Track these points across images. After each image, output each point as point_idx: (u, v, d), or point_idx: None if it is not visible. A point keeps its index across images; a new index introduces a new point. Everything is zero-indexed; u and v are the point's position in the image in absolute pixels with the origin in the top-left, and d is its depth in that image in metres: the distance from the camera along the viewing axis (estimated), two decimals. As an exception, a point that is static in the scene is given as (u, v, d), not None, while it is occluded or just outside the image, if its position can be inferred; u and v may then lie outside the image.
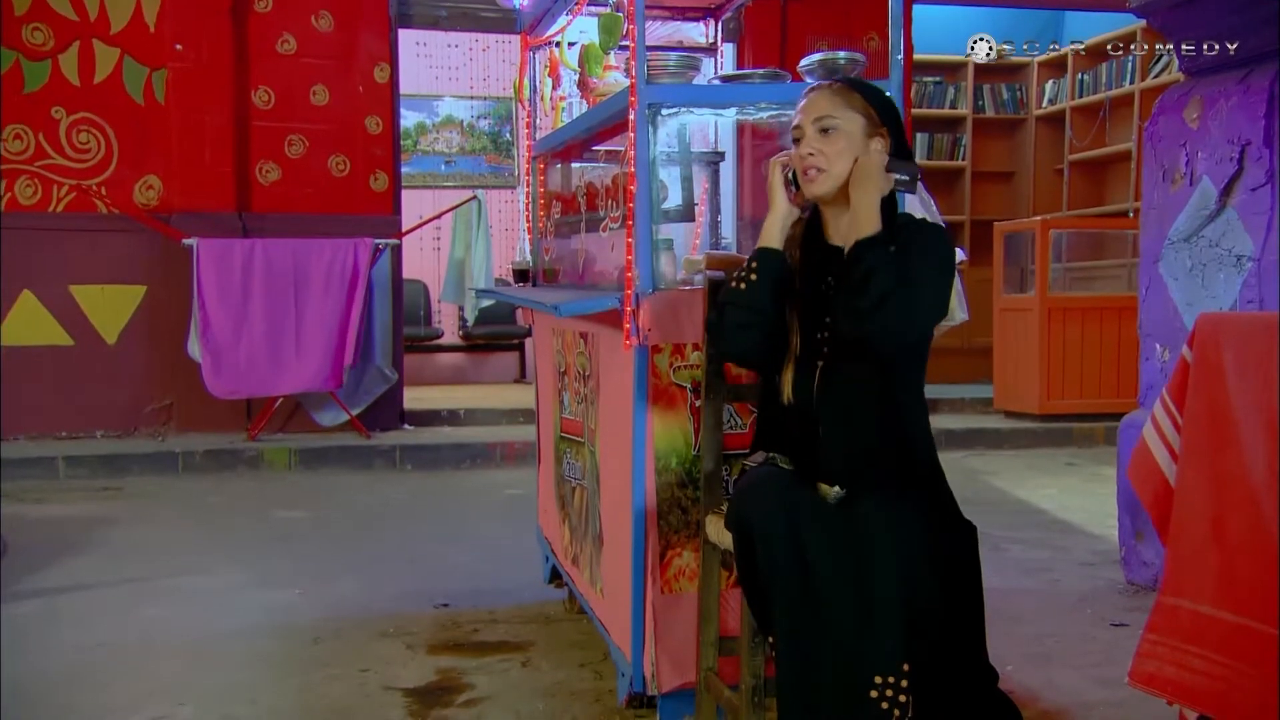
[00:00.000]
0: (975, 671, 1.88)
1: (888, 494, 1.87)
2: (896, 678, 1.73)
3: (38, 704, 2.63)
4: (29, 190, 6.00)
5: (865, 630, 1.76)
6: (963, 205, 8.85)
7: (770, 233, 2.04)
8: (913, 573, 1.77)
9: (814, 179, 1.98)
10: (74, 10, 5.99)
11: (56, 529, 4.45)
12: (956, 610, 1.84)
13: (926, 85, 8.76)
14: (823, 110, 1.99)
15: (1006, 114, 8.98)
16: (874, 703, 1.73)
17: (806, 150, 1.98)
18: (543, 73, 3.24)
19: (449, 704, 2.59)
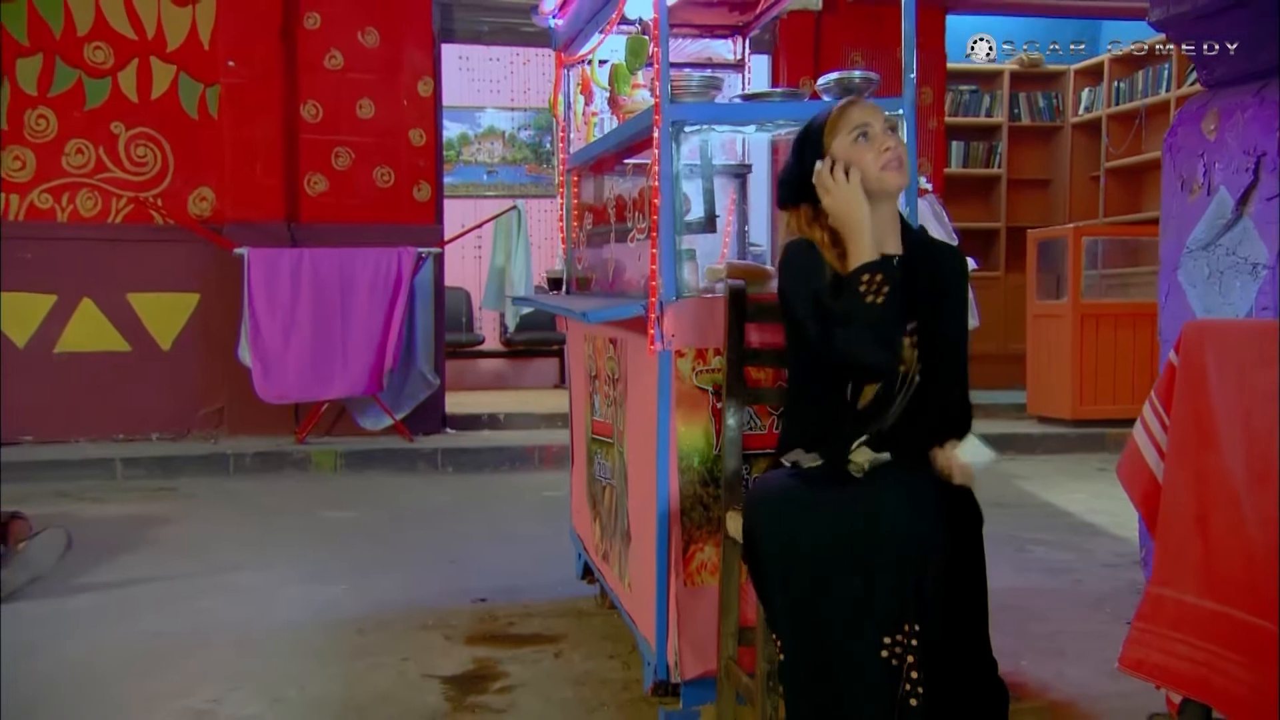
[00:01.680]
0: (977, 644, 1.97)
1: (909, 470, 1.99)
2: (905, 636, 1.84)
3: (99, 688, 2.77)
4: (90, 202, 6.21)
5: (871, 600, 1.86)
6: (998, 212, 8.87)
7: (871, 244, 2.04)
8: (925, 536, 1.86)
9: (897, 171, 2.07)
10: (133, 29, 6.20)
11: (115, 526, 4.60)
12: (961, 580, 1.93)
13: (962, 94, 8.80)
14: (883, 115, 2.11)
15: (1042, 122, 8.99)
16: (884, 661, 1.84)
17: (888, 144, 2.07)
18: (576, 90, 3.37)
19: (484, 691, 2.72)
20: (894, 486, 1.93)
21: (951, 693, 1.90)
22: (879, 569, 1.86)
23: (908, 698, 1.86)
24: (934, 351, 2.13)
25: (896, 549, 1.85)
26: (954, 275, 2.15)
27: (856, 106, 2.13)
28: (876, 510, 1.91)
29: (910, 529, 1.86)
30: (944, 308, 2.14)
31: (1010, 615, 3.31)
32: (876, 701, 1.88)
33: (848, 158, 2.08)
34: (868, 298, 2.00)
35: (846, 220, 2.06)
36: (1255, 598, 1.59)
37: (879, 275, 2.00)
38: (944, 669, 1.88)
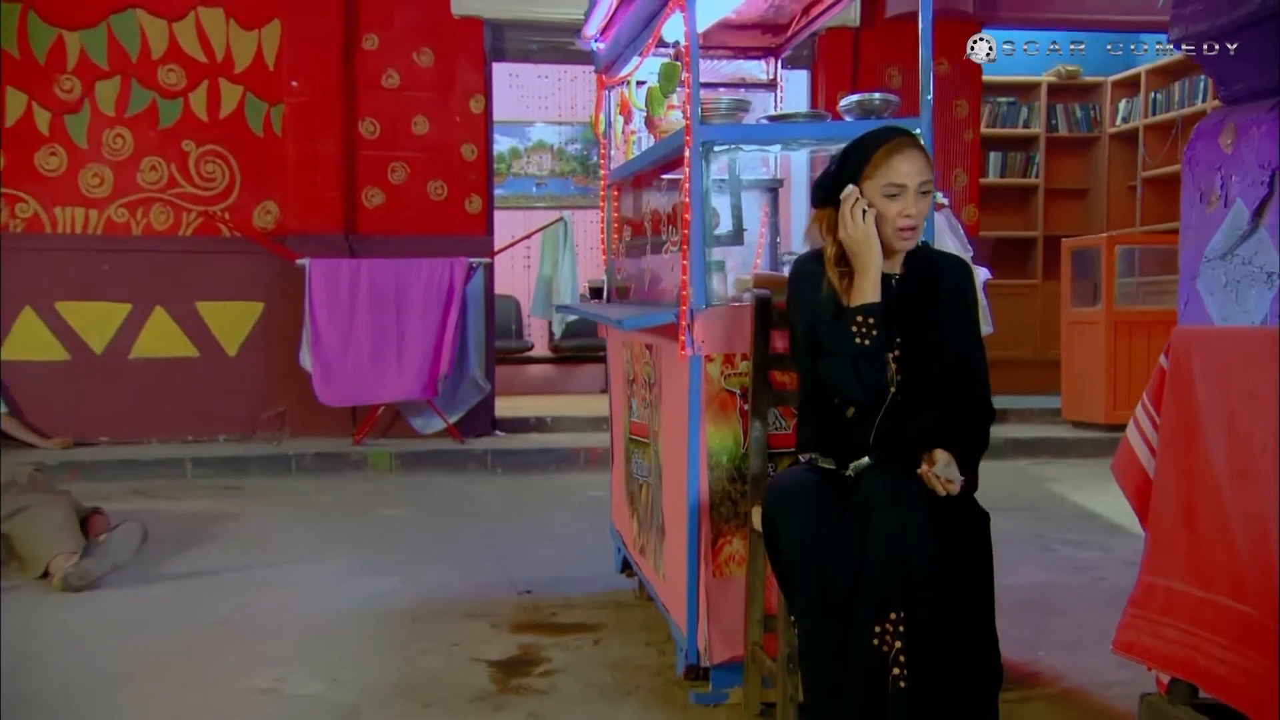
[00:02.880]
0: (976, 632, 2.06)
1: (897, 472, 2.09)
2: (892, 625, 1.95)
3: (175, 668, 2.94)
4: (162, 216, 6.41)
5: (860, 591, 1.98)
6: (1035, 222, 8.87)
7: (874, 287, 2.14)
8: (907, 534, 1.97)
9: (910, 238, 2.16)
10: (204, 53, 6.41)
11: (186, 522, 4.75)
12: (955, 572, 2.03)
13: (1000, 105, 8.81)
14: (925, 174, 2.15)
15: (1080, 133, 8.97)
16: (875, 649, 1.95)
17: (910, 211, 2.13)
18: (616, 110, 3.50)
19: (528, 674, 2.85)
20: (884, 490, 2.04)
21: (940, 677, 2.00)
22: (867, 563, 1.98)
23: (897, 681, 1.97)
24: (939, 358, 2.22)
25: (883, 546, 1.97)
26: (956, 285, 2.24)
27: (901, 158, 2.14)
28: (868, 509, 2.02)
29: (895, 530, 1.97)
30: (946, 316, 2.23)
31: (1032, 610, 3.39)
32: (868, 684, 2.00)
33: (873, 202, 2.15)
34: (857, 338, 2.12)
35: (857, 257, 2.16)
36: (1237, 584, 1.68)
37: (872, 319, 2.12)
38: (935, 655, 1.98)
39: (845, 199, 2.16)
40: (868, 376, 2.14)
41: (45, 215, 6.30)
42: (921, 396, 2.21)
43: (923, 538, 2.00)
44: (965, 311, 2.25)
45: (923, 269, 2.26)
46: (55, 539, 3.81)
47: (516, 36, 6.91)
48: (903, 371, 2.20)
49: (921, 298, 2.23)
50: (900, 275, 2.24)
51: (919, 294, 2.24)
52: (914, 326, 2.22)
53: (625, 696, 2.68)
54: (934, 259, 2.32)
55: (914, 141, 2.17)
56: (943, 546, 2.03)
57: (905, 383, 2.20)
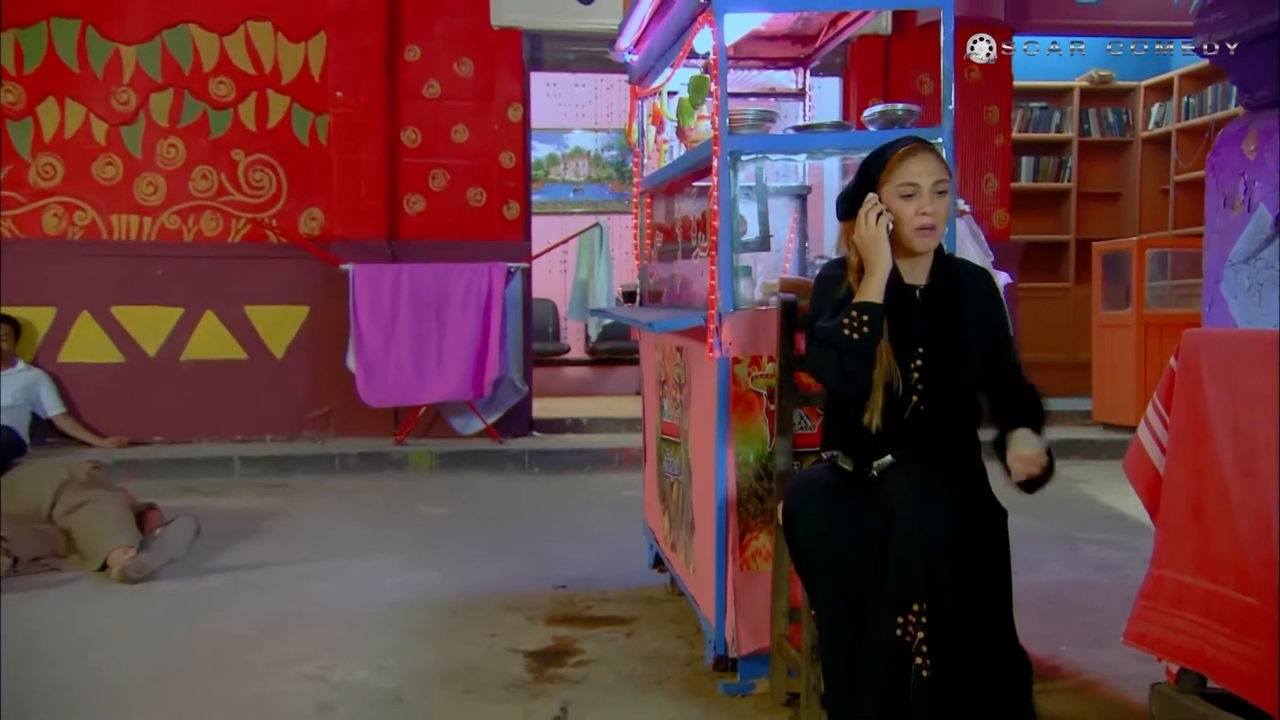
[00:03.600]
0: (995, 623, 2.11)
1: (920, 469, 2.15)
2: (915, 616, 2.00)
3: (229, 656, 3.04)
4: (213, 223, 6.55)
5: (883, 584, 2.04)
6: (1068, 225, 8.84)
7: (877, 288, 2.20)
8: (930, 529, 2.03)
9: (929, 237, 2.21)
10: (253, 65, 6.55)
11: (235, 518, 4.85)
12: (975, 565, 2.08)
13: (1032, 110, 8.80)
14: (940, 174, 2.21)
15: (1112, 136, 8.93)
16: (899, 639, 2.01)
17: (926, 209, 2.19)
18: (648, 119, 3.58)
19: (562, 663, 2.93)
20: (908, 487, 2.09)
21: (964, 665, 2.05)
22: (890, 558, 2.04)
23: (919, 670, 2.03)
24: (963, 367, 2.28)
25: (906, 541, 2.03)
26: (980, 294, 2.30)
27: (914, 159, 2.21)
28: (891, 507, 2.08)
29: (919, 525, 2.03)
30: (970, 325, 2.29)
31: (1057, 606, 3.43)
32: (891, 673, 2.06)
33: (891, 207, 2.21)
34: (847, 329, 2.17)
35: (867, 259, 2.23)
36: (1242, 577, 1.73)
37: (866, 316, 2.17)
38: (956, 645, 2.03)
39: (865, 204, 2.23)
40: (850, 370, 2.20)
41: (102, 222, 6.47)
42: (945, 404, 2.26)
43: (945, 531, 2.06)
44: (991, 318, 2.31)
45: (947, 280, 2.32)
46: (113, 533, 3.93)
47: (554, 46, 6.97)
48: (925, 380, 2.26)
49: (946, 308, 2.29)
50: (925, 286, 2.29)
51: (943, 305, 2.29)
52: (938, 336, 2.27)
53: (656, 686, 2.75)
54: (958, 270, 2.37)
55: (928, 146, 2.24)
56: (964, 540, 2.09)
57: (928, 391, 2.26)
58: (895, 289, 2.24)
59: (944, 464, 2.18)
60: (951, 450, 2.25)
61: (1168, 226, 8.44)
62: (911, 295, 2.24)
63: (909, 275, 2.26)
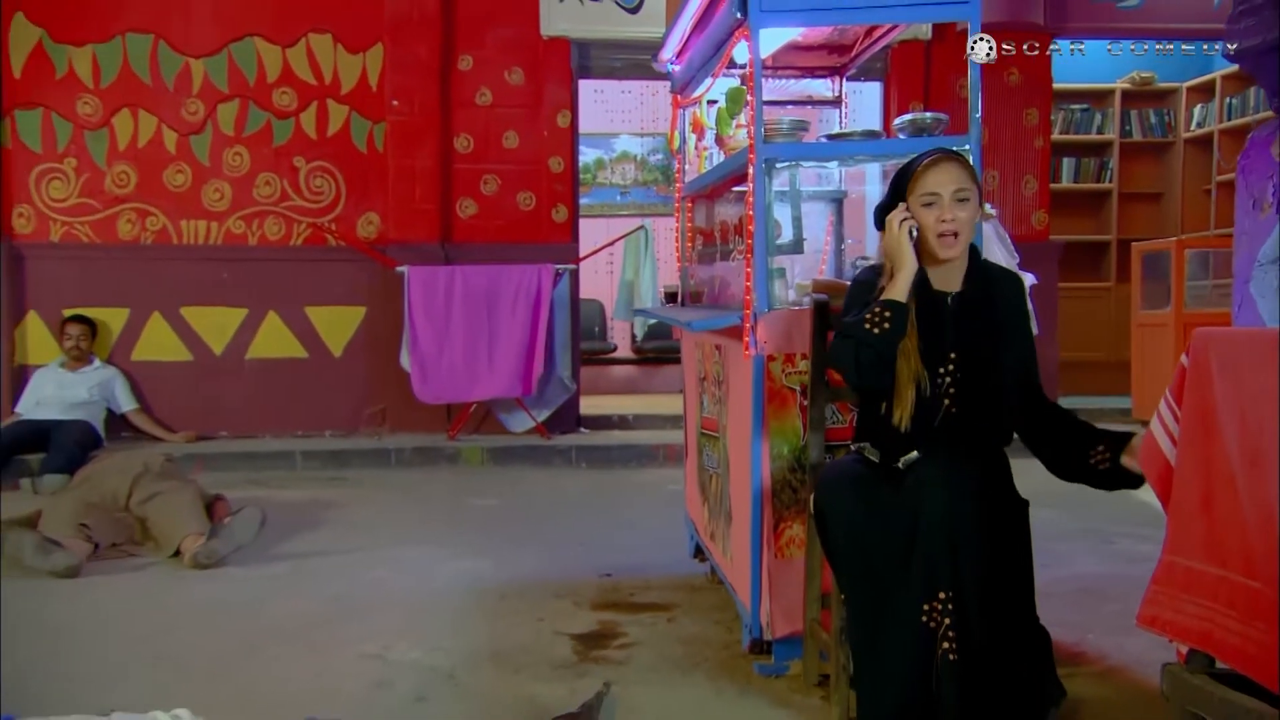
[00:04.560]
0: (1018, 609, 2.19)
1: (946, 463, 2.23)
2: (941, 603, 2.08)
3: (295, 637, 3.18)
4: (275, 227, 6.74)
5: (910, 573, 2.12)
6: (1109, 225, 8.79)
7: (901, 288, 2.28)
8: (957, 521, 2.11)
9: (952, 244, 2.28)
10: (314, 76, 6.73)
11: (298, 509, 4.99)
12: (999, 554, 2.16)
13: (1073, 113, 8.76)
14: (961, 183, 2.28)
15: (1154, 138, 8.86)
16: (924, 625, 2.09)
17: (947, 217, 2.26)
18: (689, 127, 3.68)
19: (606, 646, 3.04)
20: (935, 482, 2.18)
21: (989, 649, 2.13)
22: (917, 548, 2.12)
23: (946, 654, 2.11)
24: (996, 371, 2.35)
25: (932, 532, 2.11)
26: (1010, 304, 2.37)
27: (936, 170, 2.28)
28: (918, 500, 2.17)
29: (945, 516, 2.11)
30: (1007, 333, 2.37)
31: (1086, 597, 3.47)
32: (917, 657, 2.14)
33: (916, 216, 2.30)
34: (869, 323, 2.25)
35: (893, 263, 2.32)
36: (1248, 563, 1.79)
37: (889, 313, 2.25)
38: (981, 629, 2.11)
39: (894, 213, 2.32)
40: (865, 362, 2.27)
41: (172, 228, 6.68)
42: (977, 409, 2.34)
43: (971, 522, 2.14)
44: (1016, 324, 2.38)
45: (982, 288, 2.39)
46: (185, 521, 4.11)
47: (601, 55, 7.06)
48: (958, 385, 2.33)
49: (979, 315, 2.36)
50: (959, 293, 2.37)
51: (977, 312, 2.36)
52: (970, 343, 2.34)
53: (695, 667, 2.84)
54: (992, 277, 2.44)
55: (951, 156, 2.31)
56: (989, 530, 2.16)
57: (960, 395, 2.33)
58: (925, 295, 2.31)
59: (969, 457, 2.25)
60: (978, 447, 2.33)
61: (1209, 226, 8.36)
62: (943, 301, 2.32)
63: (940, 282, 2.34)
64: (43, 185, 6.59)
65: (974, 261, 2.39)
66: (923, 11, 2.68)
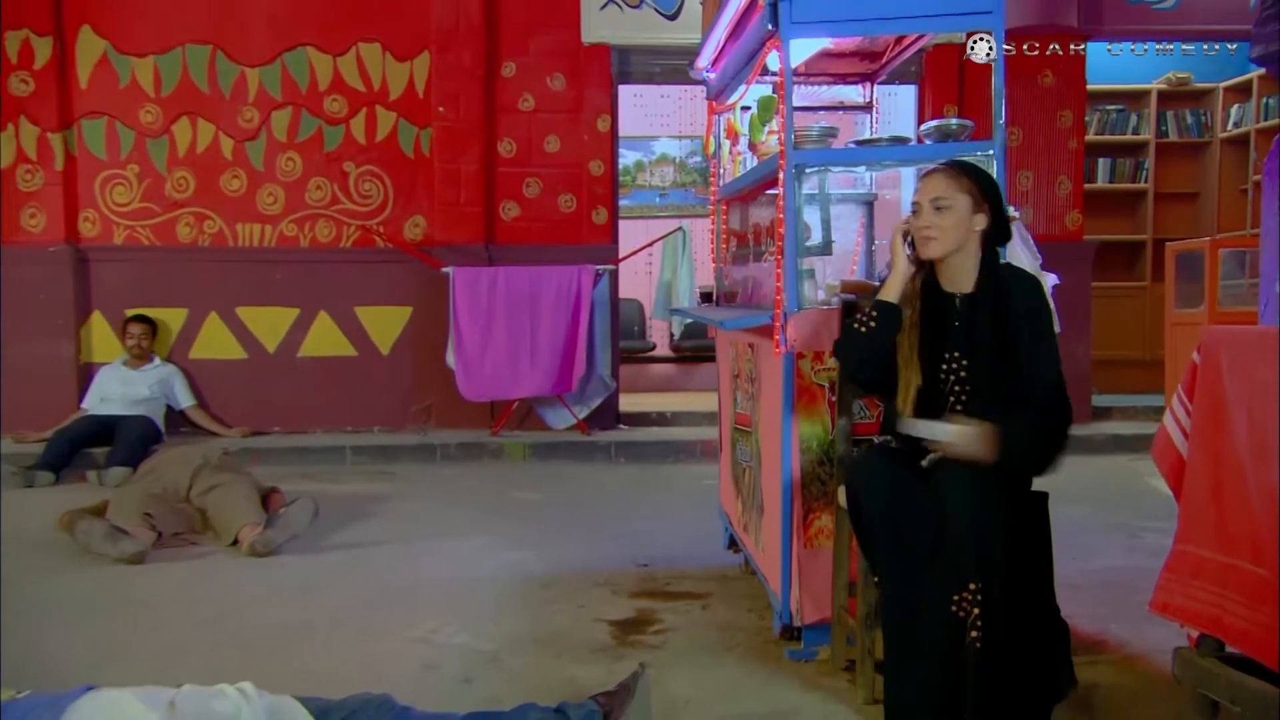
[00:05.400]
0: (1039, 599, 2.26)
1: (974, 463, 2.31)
2: (971, 594, 2.16)
3: (346, 622, 3.30)
4: (327, 230, 6.89)
5: (941, 562, 2.19)
6: (1145, 225, 8.74)
7: (892, 288, 2.44)
8: (983, 516, 2.18)
9: (926, 245, 2.42)
10: (363, 83, 6.87)
11: (348, 501, 5.12)
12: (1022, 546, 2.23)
13: (1109, 114, 8.72)
14: (938, 191, 2.41)
15: (1190, 138, 8.79)
16: (953, 614, 2.17)
17: (923, 223, 2.41)
18: (724, 133, 3.76)
19: (643, 631, 3.13)
20: (959, 476, 2.25)
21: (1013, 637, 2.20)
22: (947, 540, 2.19)
23: (974, 642, 2.18)
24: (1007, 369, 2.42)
25: (960, 527, 2.18)
26: (1025, 304, 2.42)
27: (924, 181, 2.45)
28: (945, 496, 2.24)
29: (972, 512, 2.18)
30: (1023, 331, 2.43)
31: (1112, 589, 3.51)
32: (947, 644, 2.21)
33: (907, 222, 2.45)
34: (857, 323, 2.44)
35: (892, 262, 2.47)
36: (1255, 551, 1.85)
37: (875, 313, 2.41)
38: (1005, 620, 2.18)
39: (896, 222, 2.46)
40: (854, 359, 2.47)
41: (228, 231, 6.86)
42: (986, 404, 2.40)
43: (996, 516, 2.21)
44: (1030, 323, 2.43)
45: (997, 289, 2.46)
46: (243, 512, 4.25)
47: (641, 60, 7.13)
48: (965, 381, 2.40)
49: (988, 314, 2.43)
50: (969, 294, 2.44)
51: (986, 311, 2.43)
52: (978, 340, 2.41)
53: (727, 652, 2.93)
54: (1007, 278, 2.50)
55: (943, 168, 2.43)
56: (1013, 523, 2.23)
57: (969, 390, 2.40)
58: (933, 295, 2.41)
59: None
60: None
61: (1245, 226, 8.28)
62: (950, 301, 2.40)
63: (949, 283, 2.42)
64: (107, 191, 6.80)
65: (986, 264, 2.46)
66: (946, 22, 2.75)
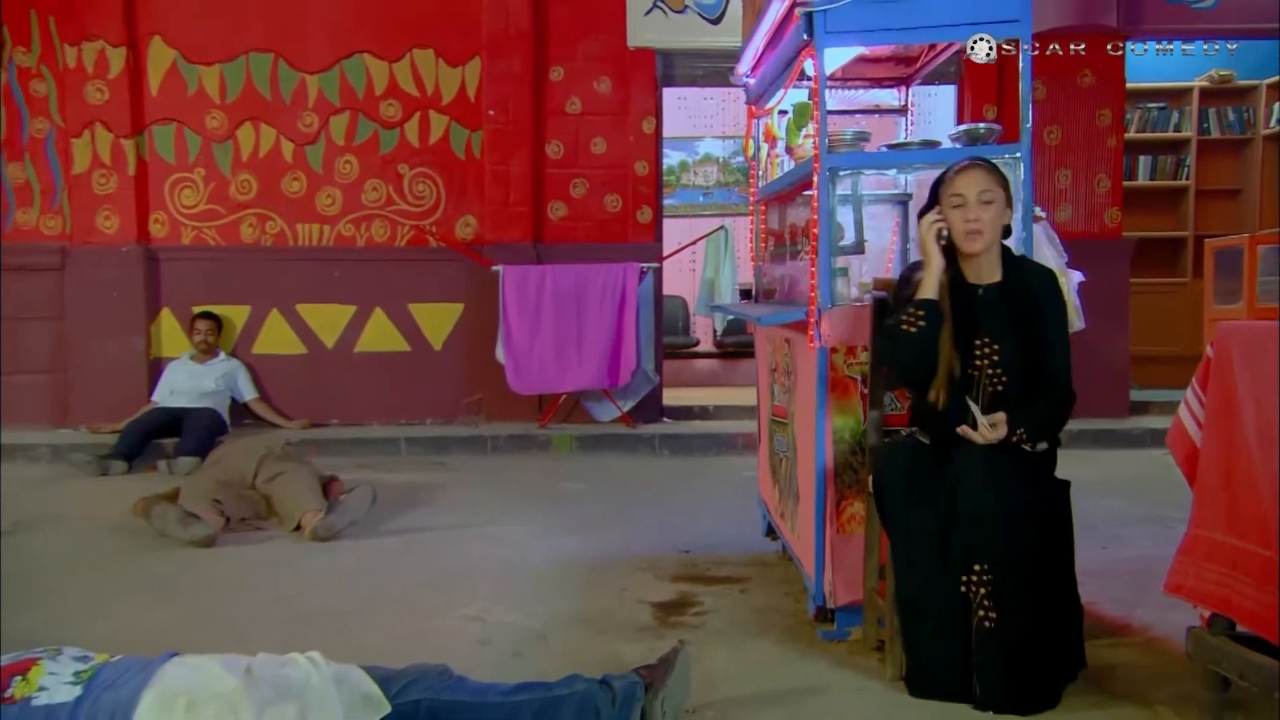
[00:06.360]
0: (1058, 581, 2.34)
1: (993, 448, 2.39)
2: (977, 574, 2.24)
3: (403, 601, 3.44)
4: (382, 230, 7.07)
5: (949, 547, 2.28)
6: (1186, 222, 8.68)
7: (930, 284, 2.48)
8: (994, 502, 2.27)
9: (975, 239, 2.46)
10: (417, 88, 7.03)
11: (403, 490, 5.26)
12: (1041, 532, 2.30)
13: (1150, 111, 8.66)
14: (984, 185, 2.46)
15: (1233, 135, 8.71)
16: (963, 594, 2.25)
17: (971, 216, 2.45)
18: (762, 136, 3.85)
19: (684, 613, 3.24)
20: (978, 465, 2.33)
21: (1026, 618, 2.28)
22: (957, 521, 2.28)
23: (983, 621, 2.27)
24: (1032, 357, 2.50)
25: (969, 508, 2.27)
26: (1044, 295, 2.51)
27: (963, 175, 2.47)
28: (960, 480, 2.33)
29: (982, 495, 2.27)
30: (1045, 317, 2.51)
31: (1140, 577, 3.55)
32: (956, 624, 2.30)
33: (945, 215, 2.48)
34: (905, 324, 2.45)
35: (924, 262, 2.50)
36: (1264, 534, 1.91)
37: (922, 312, 2.43)
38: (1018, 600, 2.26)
39: (924, 218, 2.51)
40: (904, 360, 2.47)
41: (289, 231, 7.07)
42: (1014, 390, 2.48)
43: (1008, 504, 2.29)
44: (1050, 310, 2.51)
45: (1019, 280, 2.54)
46: (305, 499, 4.42)
47: (685, 63, 7.21)
48: (994, 369, 2.48)
49: (1012, 305, 2.51)
50: (995, 284, 2.52)
51: (1009, 301, 2.51)
52: (1002, 330, 2.49)
53: (763, 633, 3.03)
54: (1027, 271, 2.58)
55: (979, 164, 2.48)
56: (1027, 509, 2.31)
57: (996, 377, 2.48)
58: (958, 287, 2.48)
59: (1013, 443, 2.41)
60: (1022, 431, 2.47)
61: (1288, 222, 8.20)
62: (974, 293, 2.48)
63: (972, 276, 2.50)
64: (175, 193, 7.04)
65: (1007, 257, 2.55)
66: (974, 31, 2.81)
